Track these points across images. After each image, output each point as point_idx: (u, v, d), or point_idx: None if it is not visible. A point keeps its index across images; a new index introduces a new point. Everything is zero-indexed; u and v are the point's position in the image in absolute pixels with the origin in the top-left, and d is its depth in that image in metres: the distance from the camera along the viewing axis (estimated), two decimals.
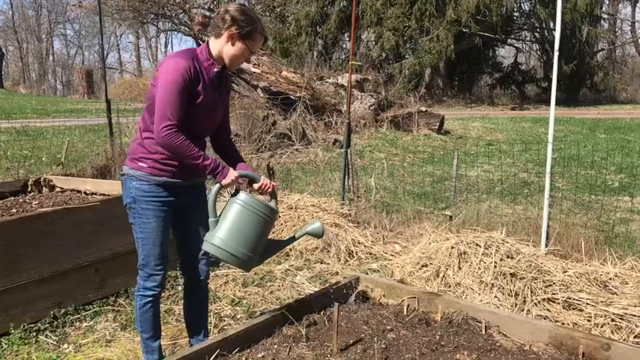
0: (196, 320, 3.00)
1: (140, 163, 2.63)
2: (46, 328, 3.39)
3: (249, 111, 10.25)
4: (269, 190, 2.68)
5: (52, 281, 3.49)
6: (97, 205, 3.79)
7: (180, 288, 3.88)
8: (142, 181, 2.63)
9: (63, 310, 3.52)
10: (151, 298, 2.77)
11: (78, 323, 3.50)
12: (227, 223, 2.54)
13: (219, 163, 2.58)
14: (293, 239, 2.88)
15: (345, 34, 25.06)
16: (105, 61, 11.00)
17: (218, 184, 2.57)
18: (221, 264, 4.47)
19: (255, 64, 12.36)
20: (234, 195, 2.58)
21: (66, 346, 3.25)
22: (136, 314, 2.83)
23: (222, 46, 2.62)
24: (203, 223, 2.61)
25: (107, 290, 3.80)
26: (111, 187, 4.63)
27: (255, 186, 2.68)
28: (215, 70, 2.64)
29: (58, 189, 4.88)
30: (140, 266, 2.76)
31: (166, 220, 2.72)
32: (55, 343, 3.27)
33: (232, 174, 2.57)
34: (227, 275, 4.21)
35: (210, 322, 3.50)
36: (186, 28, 26.70)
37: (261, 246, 2.62)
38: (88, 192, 4.65)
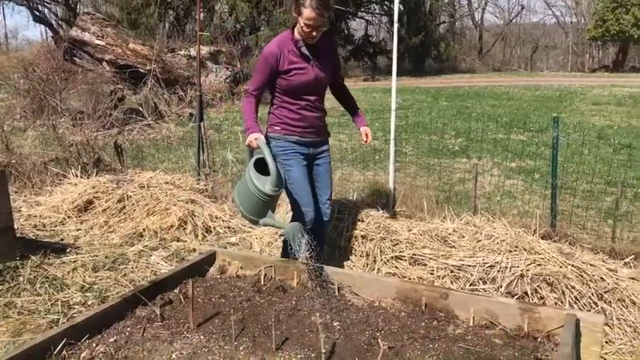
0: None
1: (275, 127, 3.36)
2: None
3: (93, 86, 9.63)
4: None
5: None
6: None
7: (21, 279, 3.64)
8: (278, 140, 3.35)
9: None
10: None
11: None
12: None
13: (249, 127, 3.19)
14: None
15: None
16: None
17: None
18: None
19: (98, 36, 11.58)
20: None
21: None
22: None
23: (298, 25, 3.18)
24: (327, 173, 3.50)
25: None
26: None
27: None
28: (299, 46, 3.21)
29: None
30: (292, 208, 3.39)
31: (305, 167, 3.36)
32: None
33: (250, 138, 3.16)
34: (75, 261, 3.96)
35: (59, 312, 3.30)
36: None
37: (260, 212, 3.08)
38: None
